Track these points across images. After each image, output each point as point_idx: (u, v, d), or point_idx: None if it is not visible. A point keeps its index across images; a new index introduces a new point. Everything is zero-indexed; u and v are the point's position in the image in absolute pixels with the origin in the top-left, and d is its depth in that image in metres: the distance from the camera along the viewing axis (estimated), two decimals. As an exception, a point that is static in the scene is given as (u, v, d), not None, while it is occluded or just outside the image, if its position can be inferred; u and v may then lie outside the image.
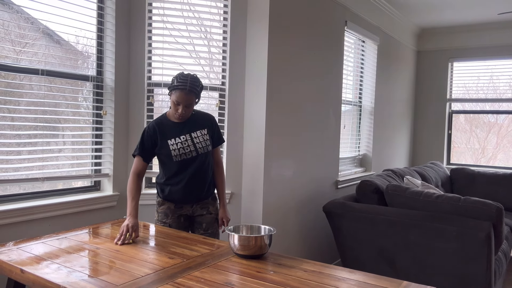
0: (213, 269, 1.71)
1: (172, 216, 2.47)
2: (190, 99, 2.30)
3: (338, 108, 4.13)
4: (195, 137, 2.43)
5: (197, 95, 2.36)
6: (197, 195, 2.49)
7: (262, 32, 3.10)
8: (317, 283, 1.60)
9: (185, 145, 2.40)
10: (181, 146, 2.39)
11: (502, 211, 2.80)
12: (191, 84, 2.28)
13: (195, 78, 2.34)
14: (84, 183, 2.84)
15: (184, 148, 2.39)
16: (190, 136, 2.42)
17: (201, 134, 2.45)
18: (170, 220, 2.46)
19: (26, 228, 2.38)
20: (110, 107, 2.85)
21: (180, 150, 2.39)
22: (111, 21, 2.82)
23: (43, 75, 2.46)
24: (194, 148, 2.41)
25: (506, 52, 5.61)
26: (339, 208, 3.27)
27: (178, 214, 2.49)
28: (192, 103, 2.33)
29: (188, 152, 2.40)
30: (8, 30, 2.32)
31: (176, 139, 2.40)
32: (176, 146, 2.38)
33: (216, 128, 2.55)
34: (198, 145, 2.42)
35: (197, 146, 2.42)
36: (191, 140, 2.41)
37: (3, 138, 2.32)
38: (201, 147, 2.43)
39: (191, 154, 2.41)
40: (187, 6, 3.02)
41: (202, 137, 2.45)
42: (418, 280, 2.96)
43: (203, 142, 2.44)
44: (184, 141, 2.40)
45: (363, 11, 4.43)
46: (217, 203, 2.62)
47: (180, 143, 2.39)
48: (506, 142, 5.74)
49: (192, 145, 2.41)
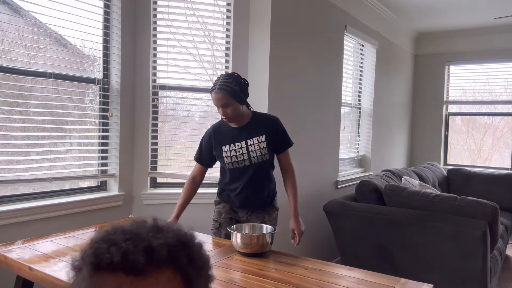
0: (216, 266, 1.71)
1: (225, 216, 2.37)
2: (222, 99, 2.08)
3: (338, 110, 4.13)
4: (251, 145, 2.21)
5: (232, 92, 2.08)
6: (253, 204, 2.34)
7: (264, 36, 3.10)
8: (317, 280, 1.59)
9: (238, 153, 2.21)
10: (234, 154, 2.22)
11: (497, 210, 2.80)
12: (221, 83, 2.08)
13: (229, 75, 2.13)
14: (90, 183, 2.84)
15: (238, 156, 2.22)
16: (246, 144, 2.21)
17: (257, 142, 2.22)
18: (222, 219, 2.36)
19: (34, 226, 2.39)
20: (116, 109, 2.85)
21: (232, 158, 2.22)
22: (117, 26, 2.82)
23: (51, 78, 2.47)
24: (248, 156, 2.22)
25: (501, 56, 5.60)
26: (339, 208, 3.27)
27: (231, 216, 2.38)
28: (227, 103, 2.09)
29: (241, 161, 2.23)
30: (23, 35, 2.33)
31: (231, 145, 2.22)
32: (229, 153, 2.22)
33: (280, 131, 2.29)
34: (252, 154, 2.22)
35: (251, 155, 2.22)
36: (246, 147, 2.21)
37: (13, 139, 2.33)
38: (255, 156, 2.22)
39: (244, 163, 2.23)
40: (191, 11, 3.02)
41: (259, 144, 2.22)
42: (416, 277, 2.95)
43: (259, 151, 2.22)
44: (239, 148, 2.22)
45: (362, 16, 4.43)
46: (275, 213, 2.43)
47: (234, 151, 2.22)
48: (501, 143, 5.72)
49: (246, 153, 2.21)
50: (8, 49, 2.28)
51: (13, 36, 2.30)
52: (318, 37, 3.69)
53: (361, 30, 4.47)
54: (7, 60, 2.28)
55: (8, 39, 2.28)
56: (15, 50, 2.31)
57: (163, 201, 3.00)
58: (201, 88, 3.10)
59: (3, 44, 2.26)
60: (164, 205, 3.00)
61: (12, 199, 2.36)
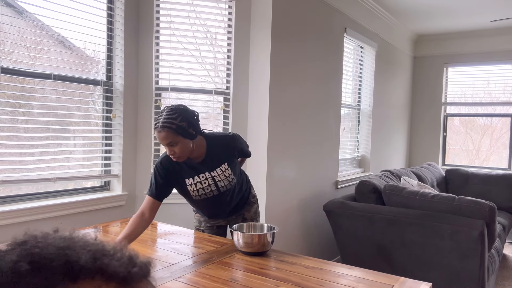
0: (218, 265, 1.71)
1: (204, 225, 2.30)
2: (166, 138, 1.78)
3: (337, 111, 4.13)
4: (216, 176, 2.01)
5: (178, 129, 1.79)
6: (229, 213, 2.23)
7: (265, 39, 3.10)
8: (317, 279, 1.59)
9: (205, 184, 2.01)
10: (200, 187, 2.01)
11: (495, 210, 2.79)
12: (163, 120, 1.79)
13: (173, 109, 1.81)
14: (94, 183, 2.84)
15: (204, 188, 2.02)
16: (211, 175, 2.01)
17: (221, 172, 2.01)
18: (202, 227, 2.30)
19: (38, 226, 2.39)
20: (119, 110, 2.86)
21: (199, 190, 2.02)
22: (120, 28, 2.83)
23: (55, 79, 2.47)
24: (216, 187, 2.03)
25: (499, 58, 5.59)
26: (339, 207, 3.27)
27: (211, 225, 2.29)
28: (173, 141, 1.80)
29: (209, 192, 2.04)
30: (24, 37, 2.33)
31: (195, 178, 1.99)
32: (194, 186, 2.01)
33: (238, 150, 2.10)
34: (220, 184, 2.03)
35: (219, 185, 2.03)
36: (211, 179, 2.01)
37: (17, 140, 2.33)
38: (224, 185, 2.04)
39: (213, 193, 2.05)
40: (193, 14, 3.02)
41: (223, 174, 2.02)
42: (414, 276, 2.95)
43: (225, 180, 2.03)
44: (204, 180, 2.00)
45: (362, 18, 4.43)
46: (254, 207, 2.30)
47: (199, 183, 2.00)
48: (499, 144, 5.71)
49: (213, 184, 2.02)
50: (10, 51, 2.28)
51: (15, 37, 2.30)
52: (319, 39, 3.69)
53: (361, 32, 4.47)
54: (10, 61, 2.28)
55: (10, 41, 2.28)
56: (17, 52, 2.32)
57: (165, 201, 2.99)
58: (203, 89, 3.11)
59: (5, 46, 2.26)
60: (167, 205, 3.00)
61: (16, 199, 2.36)
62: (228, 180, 2.05)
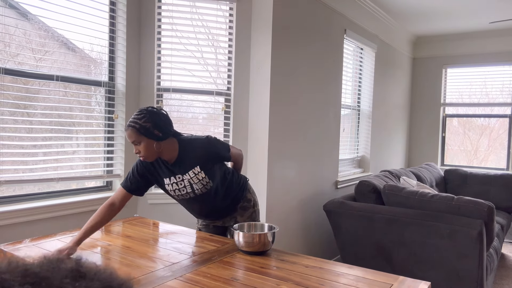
0: (219, 264, 1.71)
1: (201, 224, 2.32)
2: (131, 136, 1.87)
3: (337, 112, 4.12)
4: (189, 179, 2.01)
5: (141, 129, 1.87)
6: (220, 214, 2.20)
7: (265, 40, 3.10)
8: (317, 278, 1.59)
9: (180, 186, 2.02)
10: (176, 188, 2.03)
11: (493, 210, 2.79)
12: (130, 119, 1.90)
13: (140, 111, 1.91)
14: (96, 183, 2.84)
15: (180, 189, 2.03)
16: (186, 177, 2.02)
17: (194, 175, 2.00)
18: (200, 225, 2.33)
19: (41, 226, 2.39)
20: (121, 111, 2.86)
21: (176, 191, 2.04)
22: (122, 30, 2.83)
23: (58, 80, 2.48)
24: (191, 189, 2.03)
25: (497, 59, 5.59)
26: (339, 207, 3.27)
27: (207, 223, 2.30)
28: (137, 140, 1.89)
29: (185, 194, 2.05)
30: (29, 39, 2.33)
31: (171, 178, 2.02)
32: (171, 186, 2.03)
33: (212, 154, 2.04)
34: (195, 186, 2.03)
35: (194, 188, 2.03)
36: (187, 181, 2.02)
37: (20, 140, 2.33)
38: (198, 188, 2.03)
39: (189, 195, 2.05)
40: (195, 15, 3.03)
41: (196, 177, 2.01)
42: (414, 275, 2.95)
43: (199, 183, 2.02)
44: (180, 181, 2.02)
45: (361, 20, 4.43)
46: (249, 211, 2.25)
47: (175, 184, 2.02)
48: (497, 145, 5.71)
49: (189, 186, 2.03)
50: (16, 52, 2.29)
51: (20, 39, 2.30)
52: (319, 41, 3.69)
53: (360, 34, 4.47)
54: (15, 63, 2.28)
55: (16, 43, 2.28)
56: (23, 54, 2.32)
57: (167, 201, 3.00)
58: (205, 90, 3.11)
59: (10, 48, 2.26)
60: (168, 205, 3.00)
61: (19, 198, 2.36)
62: (202, 184, 2.02)
